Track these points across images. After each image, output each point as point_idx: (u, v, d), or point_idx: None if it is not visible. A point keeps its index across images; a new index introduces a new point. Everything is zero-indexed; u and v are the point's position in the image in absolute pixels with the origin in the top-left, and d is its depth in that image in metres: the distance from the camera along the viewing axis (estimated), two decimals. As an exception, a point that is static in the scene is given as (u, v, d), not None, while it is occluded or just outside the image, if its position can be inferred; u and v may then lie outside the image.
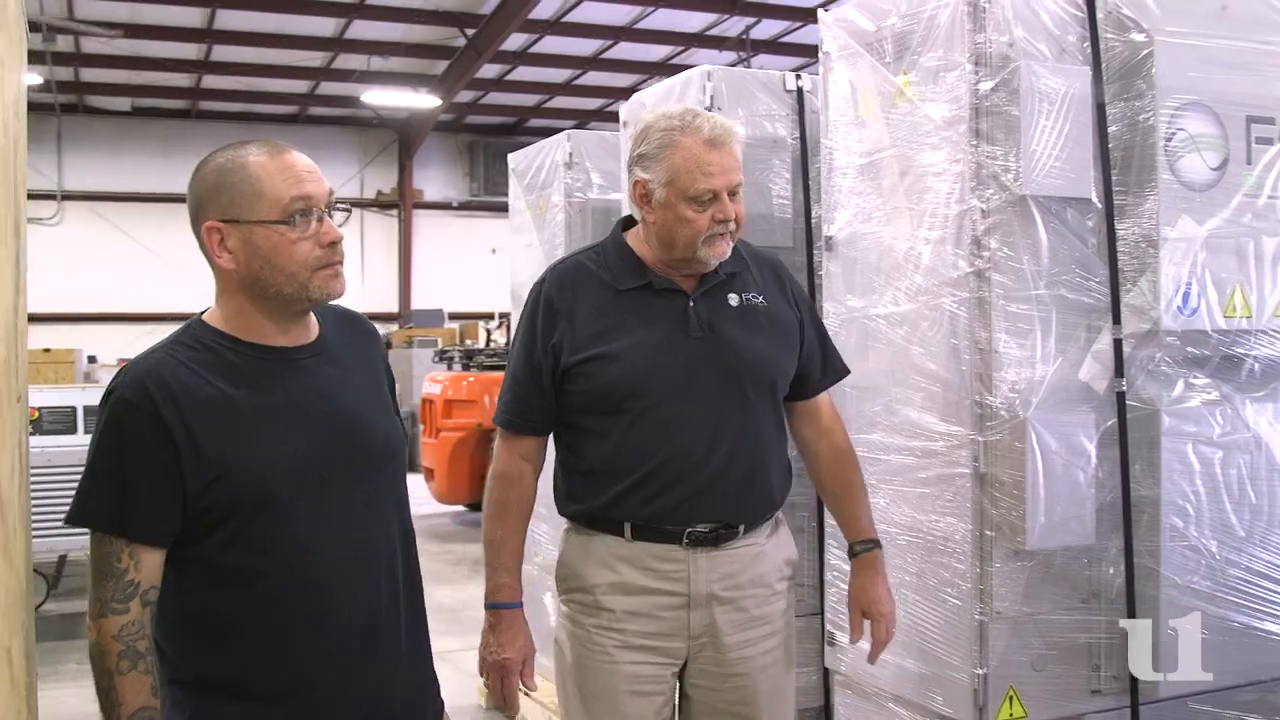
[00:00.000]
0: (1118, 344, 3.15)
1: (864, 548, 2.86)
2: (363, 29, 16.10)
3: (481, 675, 2.78)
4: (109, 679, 2.01)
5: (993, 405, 3.08)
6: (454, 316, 20.36)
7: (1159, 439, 3.17)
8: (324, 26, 15.69)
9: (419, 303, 21.30)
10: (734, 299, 2.75)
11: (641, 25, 16.57)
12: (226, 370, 2.12)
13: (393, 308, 21.83)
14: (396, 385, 2.49)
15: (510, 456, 2.80)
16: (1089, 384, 3.16)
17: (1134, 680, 3.16)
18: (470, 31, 15.84)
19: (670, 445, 2.65)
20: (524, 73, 18.72)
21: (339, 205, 2.18)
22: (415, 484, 13.84)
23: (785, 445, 2.84)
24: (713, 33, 16.99)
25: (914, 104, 3.24)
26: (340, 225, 2.18)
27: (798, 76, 4.31)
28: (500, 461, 2.81)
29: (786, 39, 17.15)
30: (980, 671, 3.09)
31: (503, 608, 2.75)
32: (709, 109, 3.99)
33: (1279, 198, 3.29)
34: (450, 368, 13.44)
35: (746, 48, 16.99)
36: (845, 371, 2.95)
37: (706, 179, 2.61)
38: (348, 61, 17.26)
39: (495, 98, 20.37)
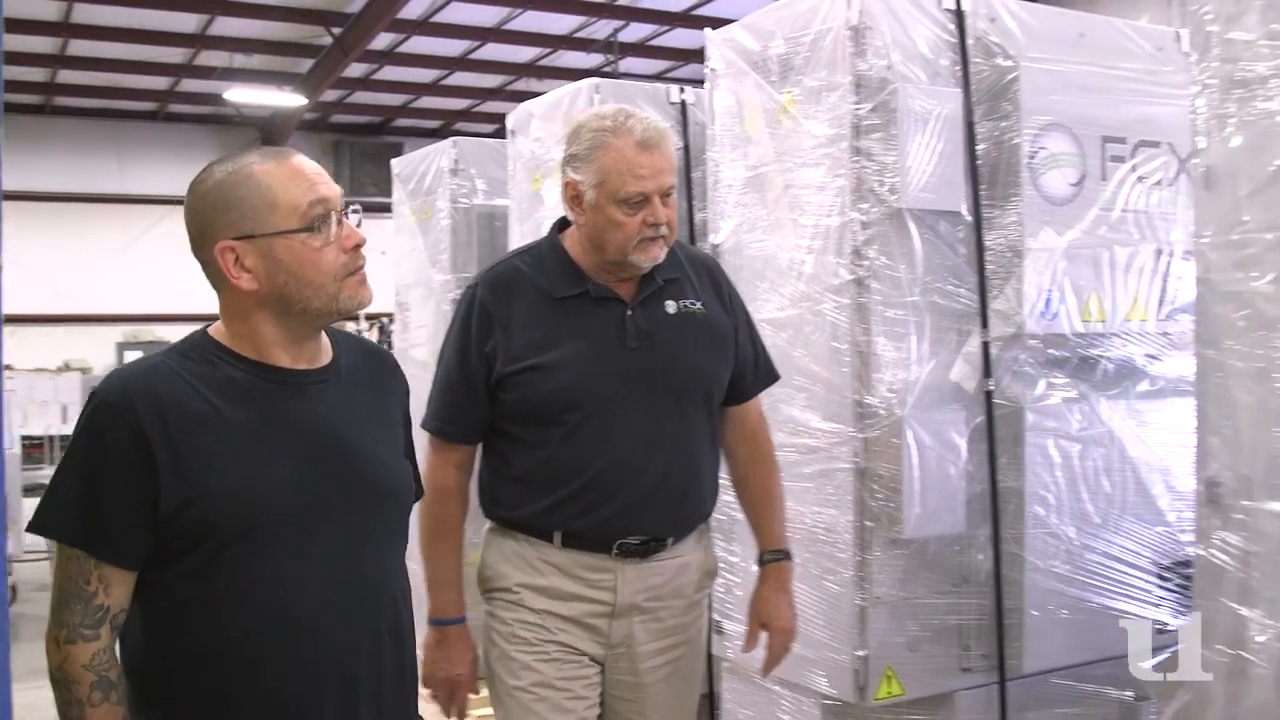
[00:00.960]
0: (985, 347, 3.35)
1: (773, 558, 2.88)
2: (225, 25, 15.76)
3: (428, 688, 2.72)
4: (79, 710, 1.86)
5: (871, 404, 3.26)
6: (321, 317, 20.11)
7: (1023, 434, 3.37)
8: (185, 23, 15.33)
9: (288, 304, 20.96)
10: (671, 306, 2.72)
11: (510, 26, 16.54)
12: (224, 386, 1.96)
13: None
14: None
15: (444, 468, 2.75)
16: (960, 384, 3.36)
17: (1001, 658, 3.38)
18: (336, 30, 15.67)
19: (606, 458, 2.61)
20: (390, 72, 18.53)
21: (351, 206, 2.03)
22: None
23: (718, 457, 2.86)
24: (581, 35, 17.01)
25: (797, 121, 3.42)
26: (356, 227, 2.03)
27: (681, 90, 4.50)
28: (433, 473, 2.73)
29: (654, 42, 17.29)
30: (860, 653, 3.27)
31: (449, 624, 2.72)
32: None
33: (1131, 211, 3.52)
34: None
35: (615, 50, 17.07)
36: (776, 376, 2.99)
37: (637, 182, 2.57)
38: (209, 58, 16.93)
39: (361, 97, 20.13)
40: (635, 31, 16.77)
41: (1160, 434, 3.59)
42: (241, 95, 17.61)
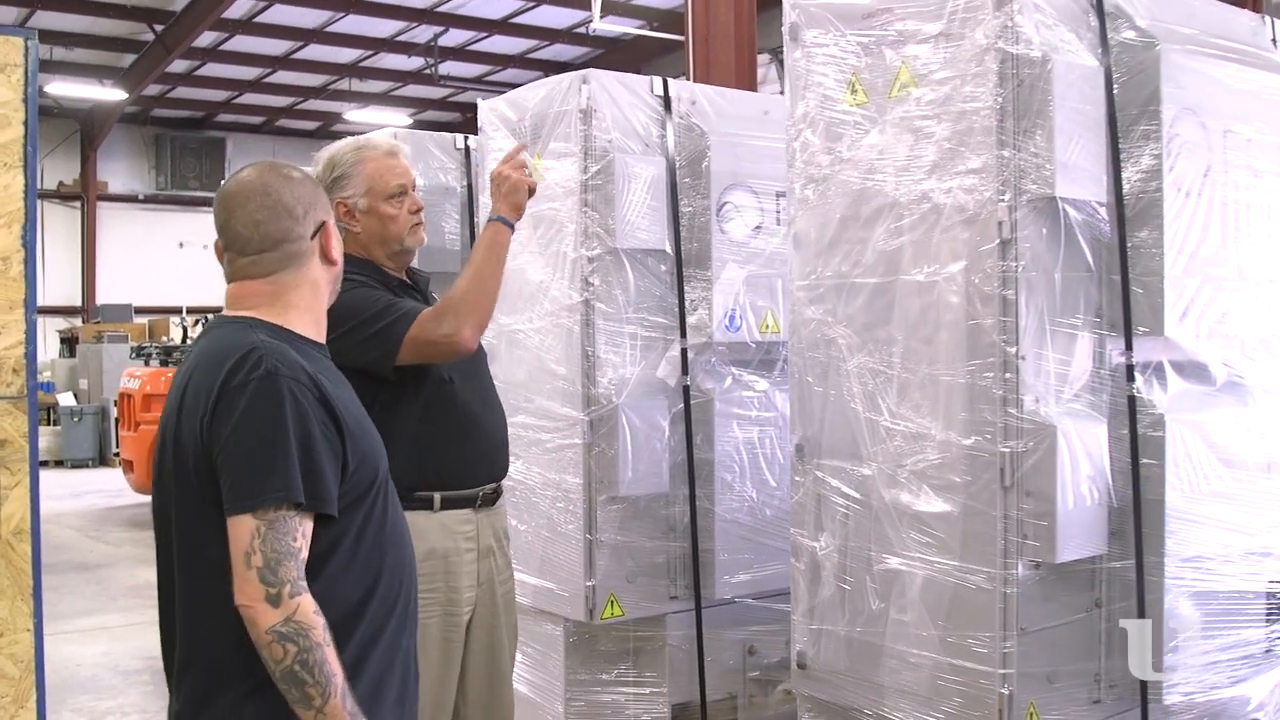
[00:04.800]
0: (684, 352, 4.32)
1: None
2: (46, 19, 15.94)
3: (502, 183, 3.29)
4: (320, 654, 1.94)
5: (596, 395, 4.22)
6: (141, 311, 20.12)
7: (713, 418, 4.36)
8: (4, 15, 15.45)
9: (104, 297, 20.90)
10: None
11: (333, 29, 17.05)
12: (313, 360, 2.15)
13: (76, 301, 21.42)
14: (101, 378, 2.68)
15: None
16: (664, 380, 4.33)
17: (698, 588, 4.38)
18: (159, 27, 15.95)
19: (474, 413, 3.21)
20: (214, 69, 18.83)
21: None
22: (115, 475, 14.08)
23: None
24: (402, 39, 17.63)
25: (544, 177, 4.39)
26: None
27: (465, 138, 5.44)
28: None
29: (473, 47, 18.01)
30: (590, 583, 4.22)
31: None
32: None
33: (799, 249, 4.58)
34: (148, 364, 13.80)
35: (434, 54, 17.77)
36: None
37: (397, 177, 3.20)
38: (30, 51, 17.02)
39: (183, 92, 20.33)
40: (455, 37, 17.48)
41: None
42: (61, 88, 17.76)
